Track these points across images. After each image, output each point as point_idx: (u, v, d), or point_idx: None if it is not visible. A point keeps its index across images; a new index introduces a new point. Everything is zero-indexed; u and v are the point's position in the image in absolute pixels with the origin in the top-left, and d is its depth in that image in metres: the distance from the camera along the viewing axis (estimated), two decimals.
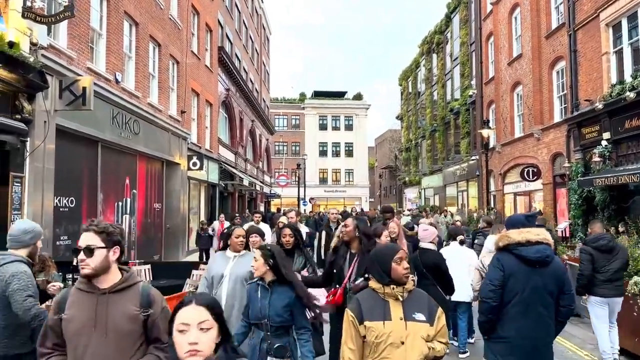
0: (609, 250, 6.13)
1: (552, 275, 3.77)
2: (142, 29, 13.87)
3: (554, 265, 3.81)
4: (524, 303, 3.73)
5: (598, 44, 14.67)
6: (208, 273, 4.79)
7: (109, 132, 11.62)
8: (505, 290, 3.79)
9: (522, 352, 3.71)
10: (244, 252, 4.86)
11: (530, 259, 3.75)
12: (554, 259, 3.85)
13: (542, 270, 3.74)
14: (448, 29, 32.49)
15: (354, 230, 4.93)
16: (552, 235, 7.06)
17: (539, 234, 3.82)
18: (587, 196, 15.04)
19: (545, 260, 3.76)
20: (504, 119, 22.05)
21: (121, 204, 12.65)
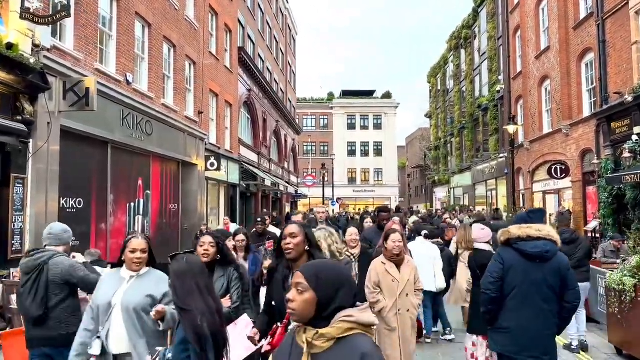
0: (573, 241, 7.33)
1: (553, 271, 3.87)
2: (155, 30, 13.87)
3: (557, 260, 3.89)
4: (522, 296, 3.89)
5: (628, 33, 13.89)
6: (93, 301, 3.66)
7: (119, 133, 11.62)
8: (505, 283, 3.96)
9: (520, 343, 3.85)
10: (145, 269, 3.71)
11: (529, 254, 3.90)
12: (556, 254, 3.91)
13: (542, 265, 3.86)
14: (476, 24, 31.68)
15: (303, 242, 3.37)
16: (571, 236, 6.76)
17: (540, 230, 3.95)
18: (617, 194, 14.26)
19: (545, 255, 3.87)
20: (532, 114, 21.26)
21: (133, 204, 12.65)
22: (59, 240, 4.36)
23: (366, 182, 59.30)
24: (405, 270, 4.97)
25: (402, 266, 4.97)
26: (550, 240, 3.94)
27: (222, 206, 20.12)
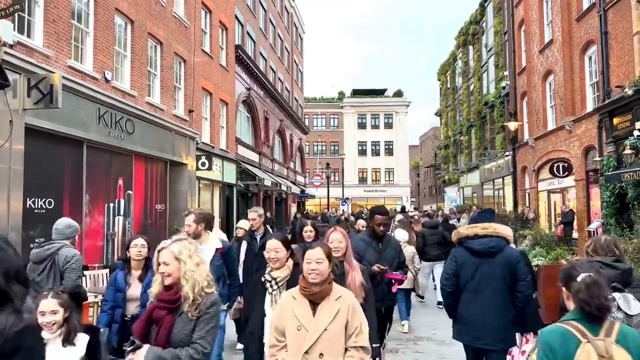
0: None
1: (502, 264, 4.20)
2: (138, 26, 13.58)
3: (505, 254, 4.23)
4: (474, 289, 4.25)
5: (629, 23, 13.24)
6: None
7: (95, 132, 11.33)
8: (460, 279, 4.36)
9: (474, 332, 4.18)
10: None
11: (475, 250, 4.30)
12: (503, 249, 4.24)
13: (490, 260, 4.20)
14: (483, 19, 30.96)
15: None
16: None
17: (485, 228, 4.33)
18: (619, 193, 13.61)
19: (490, 250, 4.24)
20: (536, 110, 20.57)
21: (113, 205, 12.37)
22: (62, 234, 4.90)
23: (377, 182, 58.65)
24: (325, 311, 2.91)
25: (323, 304, 2.93)
26: (497, 237, 4.30)
27: (217, 207, 19.80)
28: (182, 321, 2.81)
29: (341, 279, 3.59)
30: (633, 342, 2.32)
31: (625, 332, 2.35)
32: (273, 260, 3.61)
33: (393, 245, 5.19)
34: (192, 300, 2.81)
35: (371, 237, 5.07)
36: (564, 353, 2.29)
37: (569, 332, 2.34)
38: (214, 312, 2.87)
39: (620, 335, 2.32)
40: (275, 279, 3.62)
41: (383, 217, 5.05)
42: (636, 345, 2.30)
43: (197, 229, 4.88)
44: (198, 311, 2.81)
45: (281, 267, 3.63)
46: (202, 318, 2.82)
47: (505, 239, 4.34)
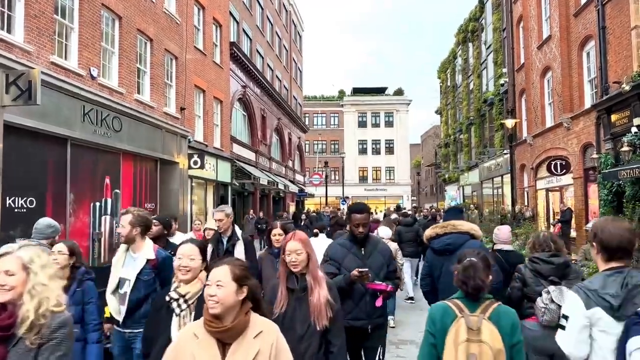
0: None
1: None
2: (126, 23, 13.34)
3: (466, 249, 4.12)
4: (443, 287, 4.31)
5: (627, 18, 12.94)
6: None
7: (79, 130, 11.10)
8: (434, 278, 4.56)
9: None
10: None
11: (436, 249, 4.47)
12: (461, 245, 4.23)
13: (451, 256, 4.04)
14: (482, 16, 30.64)
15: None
16: None
17: (444, 227, 4.49)
18: (617, 191, 13.31)
19: (448, 248, 4.37)
20: (534, 108, 20.27)
21: (99, 204, 12.14)
22: (42, 234, 4.78)
23: (378, 181, 58.36)
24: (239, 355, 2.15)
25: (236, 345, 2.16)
26: (458, 233, 4.40)
27: (210, 206, 19.57)
28: (17, 353, 2.17)
29: (302, 297, 3.09)
30: (505, 319, 2.65)
31: (499, 311, 2.67)
32: (183, 270, 2.98)
33: (381, 250, 4.24)
34: (30, 323, 2.17)
35: (352, 241, 4.19)
36: (442, 325, 2.68)
37: (450, 307, 2.71)
38: (62, 336, 2.24)
39: (494, 313, 2.64)
40: (184, 296, 2.94)
41: (362, 217, 4.12)
42: (507, 323, 2.64)
43: (131, 233, 4.12)
44: (40, 336, 2.19)
45: (192, 279, 3.01)
46: (45, 346, 2.19)
47: (468, 234, 4.42)
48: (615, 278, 2.48)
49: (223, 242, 5.42)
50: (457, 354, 2.55)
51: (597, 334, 2.46)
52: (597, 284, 2.51)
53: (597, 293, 2.47)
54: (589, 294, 2.49)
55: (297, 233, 3.27)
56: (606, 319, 2.42)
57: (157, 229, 5.51)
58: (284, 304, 3.08)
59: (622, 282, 2.45)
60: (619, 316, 2.39)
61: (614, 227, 2.57)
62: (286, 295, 3.11)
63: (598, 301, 2.45)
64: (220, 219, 5.40)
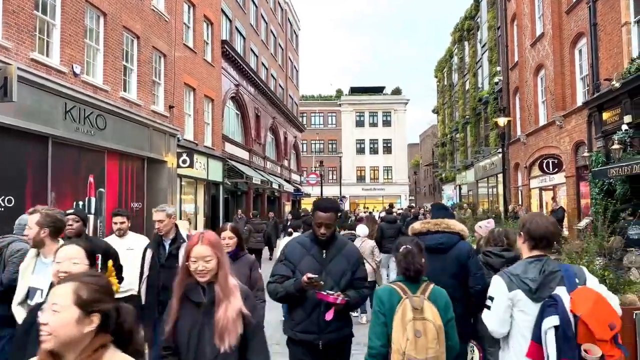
0: None
1: (453, 260, 4.13)
2: (112, 19, 13.20)
3: (456, 250, 4.18)
4: None
5: (618, 14, 12.81)
6: None
7: (61, 128, 10.96)
8: None
9: None
10: None
11: (427, 247, 3.99)
12: (454, 245, 4.19)
13: (442, 256, 4.12)
14: (478, 14, 30.49)
15: None
16: None
17: (438, 224, 4.31)
18: (608, 189, 13.17)
19: (440, 247, 4.18)
20: (528, 106, 20.12)
21: (83, 203, 11.99)
22: (22, 230, 4.56)
23: (375, 181, 58.21)
24: None
25: None
26: (450, 233, 4.26)
27: (201, 205, 19.43)
28: None
29: (212, 312, 2.54)
30: (441, 298, 3.09)
31: (436, 292, 3.12)
32: (63, 276, 2.37)
33: (346, 254, 3.67)
34: None
35: (313, 241, 3.67)
36: (389, 305, 3.02)
37: (395, 289, 3.09)
38: None
39: (432, 293, 3.08)
40: None
41: (327, 216, 3.56)
42: (442, 301, 3.08)
43: (38, 235, 3.66)
44: None
45: None
46: None
47: (458, 234, 4.33)
48: (535, 265, 2.75)
49: (165, 246, 4.83)
50: (405, 332, 2.90)
51: (517, 314, 2.75)
52: (519, 270, 2.78)
53: (519, 277, 2.74)
54: (512, 277, 2.76)
55: (206, 235, 2.68)
56: (525, 300, 2.70)
57: (77, 225, 4.83)
58: (174, 319, 2.57)
59: (541, 268, 2.73)
60: (536, 298, 2.67)
61: (541, 219, 2.87)
62: (177, 310, 2.58)
63: (519, 284, 2.72)
64: (160, 220, 4.78)
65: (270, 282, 3.63)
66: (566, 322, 2.50)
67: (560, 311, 2.53)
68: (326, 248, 3.62)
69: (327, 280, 3.47)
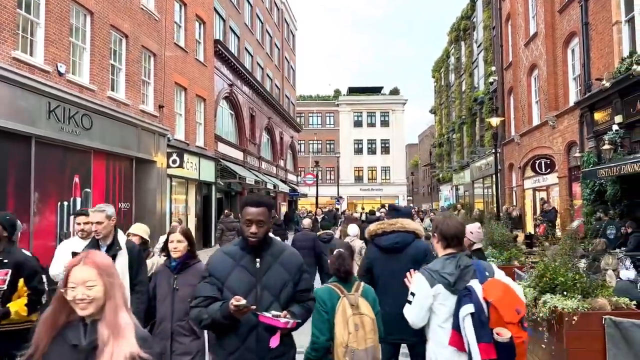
0: None
1: (410, 259, 4.14)
2: (99, 18, 13.09)
3: (412, 249, 4.24)
4: (384, 285, 4.21)
5: (609, 13, 12.67)
6: None
7: (44, 127, 10.84)
8: (374, 275, 4.36)
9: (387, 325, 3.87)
10: None
11: (382, 247, 4.32)
12: (409, 244, 4.25)
13: (398, 256, 4.20)
14: (474, 14, 30.38)
15: None
16: None
17: (393, 224, 4.35)
18: (599, 190, 13.05)
19: (395, 246, 4.25)
20: (522, 106, 20.00)
21: (67, 203, 11.88)
22: None
23: (373, 181, 58.12)
24: None
25: None
26: (405, 232, 4.29)
27: (193, 206, 19.32)
28: None
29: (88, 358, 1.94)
30: (370, 294, 3.46)
31: (365, 289, 3.48)
32: None
33: (286, 261, 2.96)
34: None
35: (244, 248, 2.92)
36: (331, 304, 3.32)
37: (333, 289, 3.40)
38: None
39: (363, 291, 3.43)
40: None
41: (257, 211, 2.85)
42: (371, 297, 3.45)
43: None
44: None
45: None
46: None
47: (414, 233, 4.38)
48: (451, 261, 3.04)
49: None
50: (347, 326, 3.20)
51: (437, 306, 2.98)
52: (438, 266, 3.05)
53: (438, 273, 3.00)
54: (432, 274, 3.00)
55: (91, 254, 2.07)
56: (445, 293, 2.96)
57: None
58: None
59: (456, 263, 3.01)
60: (453, 290, 2.93)
61: (451, 221, 3.18)
62: (43, 353, 1.95)
63: (439, 279, 2.97)
64: (99, 222, 4.21)
65: (192, 306, 2.89)
66: (480, 309, 2.80)
67: (474, 300, 2.82)
68: (260, 255, 2.88)
69: (264, 295, 2.80)
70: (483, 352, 2.73)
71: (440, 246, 3.16)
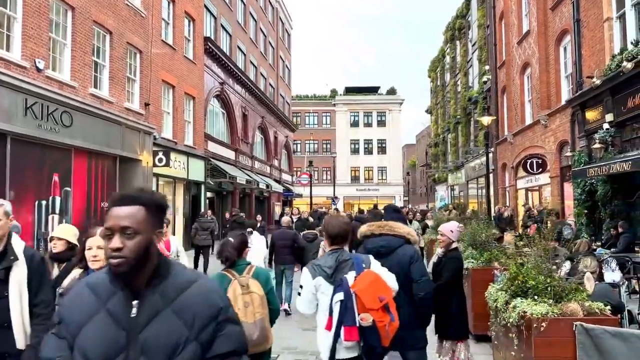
0: None
1: (394, 265, 3.88)
2: (80, 13, 12.82)
3: (398, 254, 4.01)
4: None
5: (600, 10, 12.43)
6: None
7: (21, 124, 10.58)
8: None
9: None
10: None
11: (368, 250, 4.10)
12: (396, 249, 4.03)
13: (384, 260, 3.88)
14: (469, 13, 30.14)
15: None
16: None
17: (381, 227, 4.20)
18: (590, 190, 12.82)
19: (380, 250, 4.03)
20: (514, 105, 19.77)
21: (46, 202, 11.61)
22: None
23: (370, 181, 57.86)
24: None
25: None
26: (393, 235, 4.11)
27: (181, 205, 19.05)
28: None
29: None
30: (262, 275, 3.76)
31: (257, 270, 3.78)
32: None
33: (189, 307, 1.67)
34: None
35: (115, 279, 1.69)
36: (224, 288, 3.52)
37: (225, 274, 3.69)
38: None
39: (254, 273, 3.73)
40: None
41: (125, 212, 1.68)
42: (263, 277, 3.75)
43: None
44: None
45: None
46: None
47: (404, 238, 4.15)
48: (333, 256, 3.42)
49: None
50: (237, 303, 3.45)
51: (320, 296, 3.37)
52: (321, 261, 3.47)
53: (320, 266, 3.39)
54: (315, 267, 3.41)
55: None
56: (325, 284, 3.34)
57: None
58: None
59: (337, 258, 3.39)
60: (332, 281, 3.31)
61: (336, 221, 3.57)
62: None
63: (320, 272, 3.36)
64: None
65: None
66: (348, 296, 3.18)
67: (345, 289, 3.20)
68: (140, 294, 1.67)
69: None
70: (347, 333, 3.15)
71: (327, 243, 3.57)
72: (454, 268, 5.04)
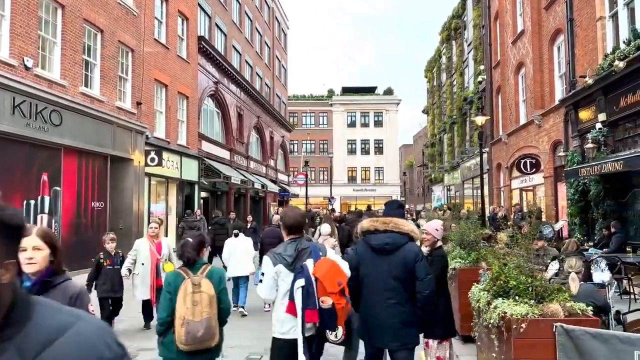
0: None
1: (399, 262, 3.91)
2: (70, 12, 12.72)
3: (403, 252, 3.95)
4: (369, 286, 4.02)
5: (593, 9, 12.39)
6: None
7: (8, 123, 10.48)
8: (359, 274, 4.09)
9: (368, 330, 4.03)
10: None
11: (372, 246, 4.06)
12: (401, 247, 3.96)
13: (387, 257, 3.95)
14: (464, 13, 30.11)
15: None
16: None
17: (386, 223, 4.08)
18: (583, 190, 12.77)
19: (385, 247, 3.99)
20: (509, 105, 19.71)
21: (34, 202, 11.51)
22: None
23: (367, 181, 57.82)
24: None
25: None
26: (398, 233, 4.01)
27: (174, 205, 18.95)
28: None
29: None
30: (216, 275, 3.84)
31: (212, 270, 3.88)
32: None
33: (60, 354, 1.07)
34: None
35: None
36: (175, 285, 3.74)
37: (180, 273, 3.82)
38: None
39: (209, 272, 3.82)
40: None
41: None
42: (217, 277, 3.83)
43: None
44: None
45: None
46: None
47: (408, 235, 4.07)
48: (292, 245, 3.68)
49: None
50: (185, 302, 3.64)
51: (280, 282, 3.62)
52: (281, 249, 3.68)
53: (280, 255, 3.62)
54: (276, 256, 3.63)
55: None
56: (285, 272, 3.59)
57: None
58: None
59: (296, 246, 3.65)
60: (292, 269, 3.58)
61: (292, 212, 3.93)
62: None
63: (281, 260, 3.61)
64: None
65: None
66: (309, 282, 3.46)
67: (305, 275, 3.48)
68: None
69: None
70: (308, 316, 3.43)
71: (285, 233, 3.81)
72: (441, 267, 5.00)
